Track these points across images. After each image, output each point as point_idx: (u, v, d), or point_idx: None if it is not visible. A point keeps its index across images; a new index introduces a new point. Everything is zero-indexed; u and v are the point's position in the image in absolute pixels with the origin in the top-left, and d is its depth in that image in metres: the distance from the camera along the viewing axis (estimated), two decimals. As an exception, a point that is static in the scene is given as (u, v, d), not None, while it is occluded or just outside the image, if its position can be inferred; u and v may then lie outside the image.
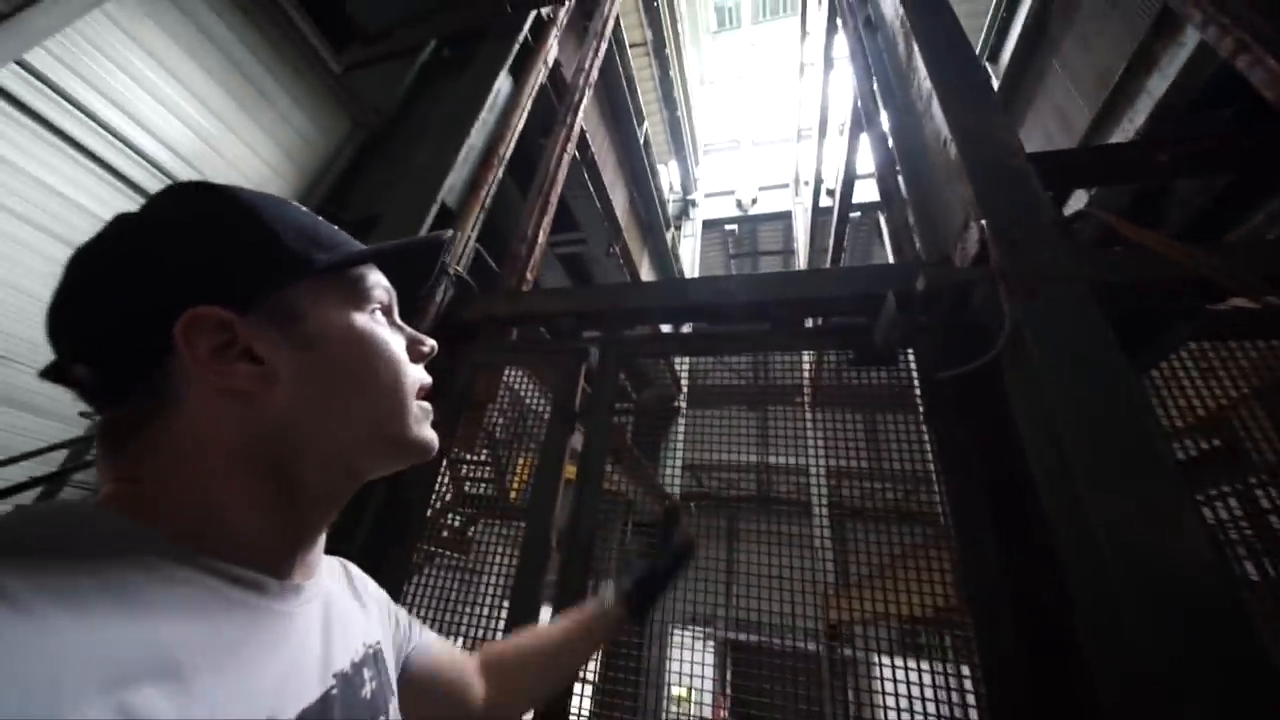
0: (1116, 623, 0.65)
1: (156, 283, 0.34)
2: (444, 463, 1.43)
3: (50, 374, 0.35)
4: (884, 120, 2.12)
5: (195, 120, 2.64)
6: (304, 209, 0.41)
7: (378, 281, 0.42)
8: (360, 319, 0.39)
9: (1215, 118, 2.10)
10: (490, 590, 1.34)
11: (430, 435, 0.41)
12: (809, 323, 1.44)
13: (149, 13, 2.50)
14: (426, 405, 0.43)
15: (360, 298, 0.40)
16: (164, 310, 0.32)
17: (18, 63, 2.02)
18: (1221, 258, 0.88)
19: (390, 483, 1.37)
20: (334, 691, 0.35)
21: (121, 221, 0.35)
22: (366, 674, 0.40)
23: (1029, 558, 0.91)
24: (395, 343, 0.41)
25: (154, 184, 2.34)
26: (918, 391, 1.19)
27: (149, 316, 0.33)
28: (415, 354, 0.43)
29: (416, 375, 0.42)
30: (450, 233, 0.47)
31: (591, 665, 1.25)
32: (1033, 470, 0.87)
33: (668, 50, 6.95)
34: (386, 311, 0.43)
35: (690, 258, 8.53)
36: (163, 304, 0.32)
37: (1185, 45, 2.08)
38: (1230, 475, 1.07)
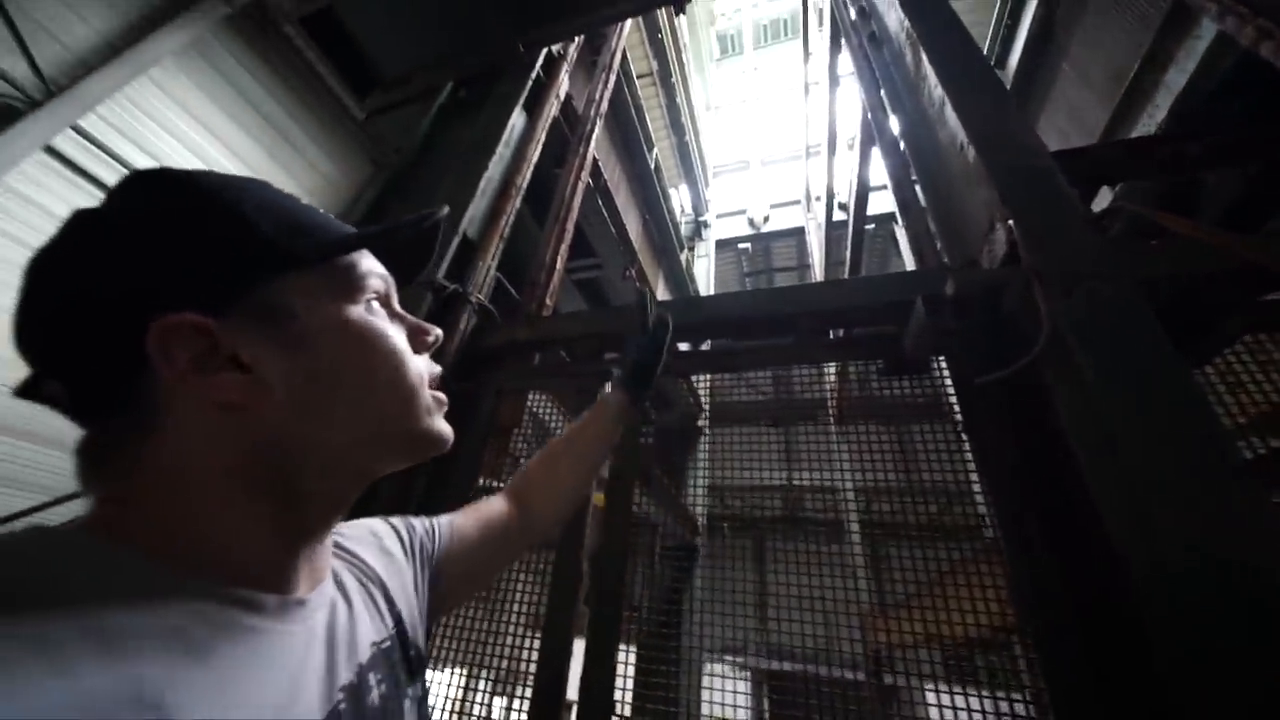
0: (1204, 648, 0.59)
1: (119, 289, 0.30)
2: (471, 493, 1.43)
3: (24, 391, 0.32)
4: (895, 130, 2.12)
5: (229, 170, 2.80)
6: (284, 191, 0.37)
7: (371, 269, 0.39)
8: (354, 311, 0.36)
9: (1241, 107, 2.04)
10: (516, 621, 1.31)
11: (443, 427, 0.39)
12: (832, 335, 1.42)
13: (187, 74, 2.67)
14: (440, 395, 0.40)
15: (353, 288, 0.37)
16: (131, 319, 0.29)
17: (72, 128, 2.18)
18: (1273, 244, 0.84)
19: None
20: (341, 707, 0.33)
21: (78, 219, 0.31)
22: (373, 678, 0.38)
23: (1091, 571, 0.85)
24: (396, 334, 0.38)
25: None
26: (953, 399, 1.15)
27: (115, 327, 0.29)
28: (419, 344, 0.41)
29: (422, 366, 0.39)
30: (445, 209, 0.44)
31: (626, 698, 1.20)
32: (1087, 479, 0.82)
33: (673, 79, 7.14)
34: (385, 301, 0.40)
35: (705, 278, 8.56)
36: (129, 312, 0.29)
37: (1202, 38, 2.05)
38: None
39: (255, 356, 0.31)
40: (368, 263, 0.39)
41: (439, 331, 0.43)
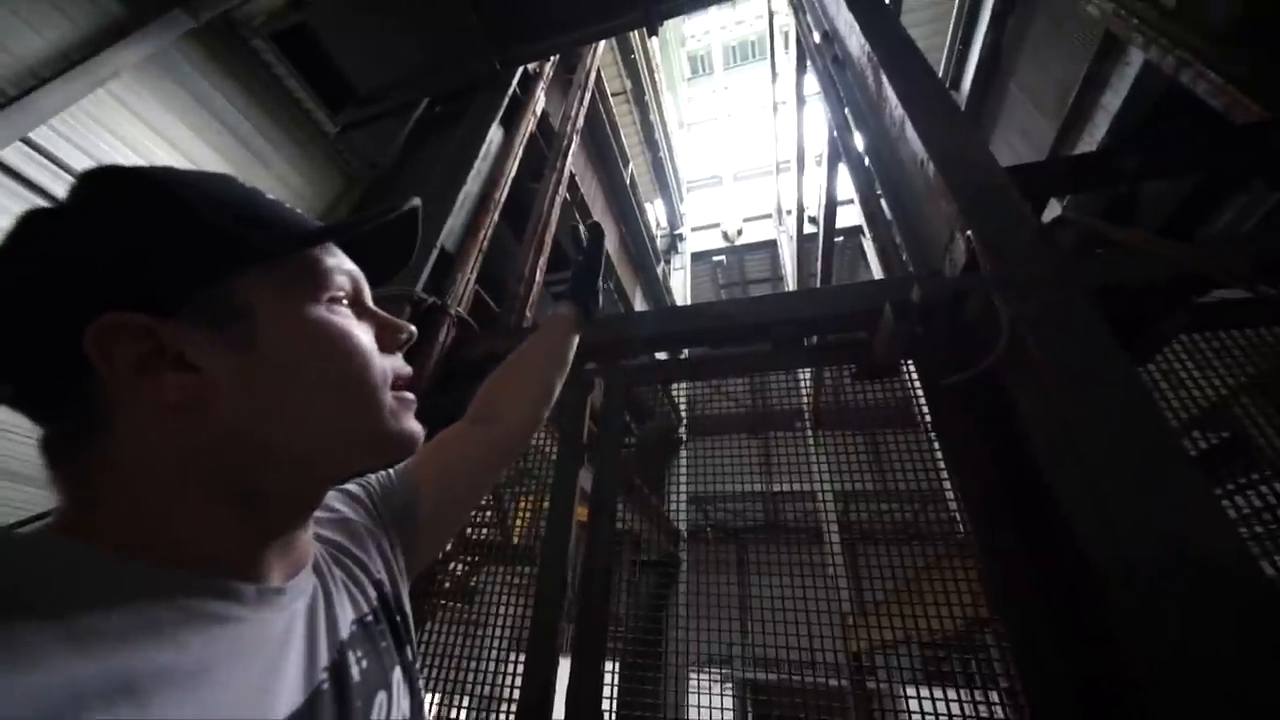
0: (1174, 642, 0.62)
1: (63, 288, 0.29)
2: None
3: None
4: (860, 147, 2.21)
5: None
6: (243, 184, 0.36)
7: (337, 266, 0.37)
8: (314, 310, 0.35)
9: (1175, 126, 2.21)
10: (498, 642, 1.28)
11: (412, 427, 0.38)
12: (806, 342, 1.47)
13: (148, 87, 2.60)
14: (407, 396, 0.39)
15: (314, 285, 0.35)
16: (75, 319, 0.28)
17: (23, 140, 2.09)
18: (1209, 252, 0.91)
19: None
20: (324, 687, 0.33)
21: (27, 218, 0.30)
22: (354, 655, 0.38)
23: (1062, 565, 0.90)
24: (361, 333, 0.37)
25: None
26: (923, 402, 1.20)
27: (59, 327, 0.29)
28: (389, 342, 0.39)
29: (389, 365, 0.38)
30: (416, 200, 0.42)
31: (614, 707, 1.19)
32: (1043, 471, 0.86)
33: (647, 97, 7.30)
34: (354, 299, 0.39)
35: (681, 290, 8.68)
36: (73, 312, 0.28)
37: (1132, 64, 2.22)
38: (1246, 467, 1.07)
39: (203, 356, 0.31)
40: (333, 259, 0.38)
41: (412, 329, 0.41)
